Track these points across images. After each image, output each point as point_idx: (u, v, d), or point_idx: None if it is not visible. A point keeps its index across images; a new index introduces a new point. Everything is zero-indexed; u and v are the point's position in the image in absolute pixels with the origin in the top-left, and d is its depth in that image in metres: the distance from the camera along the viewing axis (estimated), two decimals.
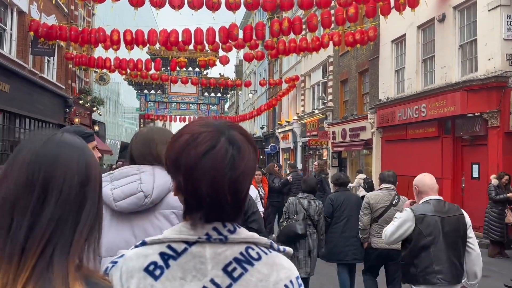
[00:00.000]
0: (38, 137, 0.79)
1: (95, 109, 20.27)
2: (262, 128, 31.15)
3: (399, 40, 12.85)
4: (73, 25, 13.56)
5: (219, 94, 25.85)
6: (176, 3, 8.95)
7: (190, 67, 24.40)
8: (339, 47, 14.30)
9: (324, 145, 18.28)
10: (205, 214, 0.88)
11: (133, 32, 11.90)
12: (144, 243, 0.90)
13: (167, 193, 1.72)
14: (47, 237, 0.71)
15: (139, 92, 25.46)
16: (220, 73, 24.72)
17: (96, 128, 21.34)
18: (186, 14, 10.52)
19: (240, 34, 12.54)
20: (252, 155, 0.91)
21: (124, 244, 1.47)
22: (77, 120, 17.66)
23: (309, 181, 5.29)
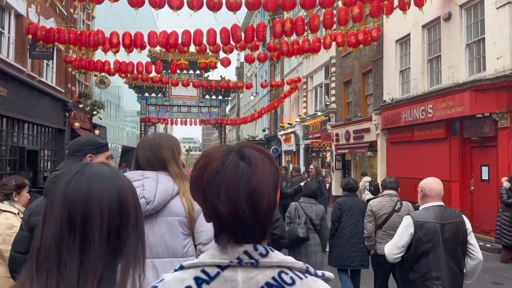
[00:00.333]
0: (70, 173, 0.82)
1: (96, 113, 20.11)
2: (264, 131, 31.00)
3: (404, 40, 12.61)
4: (72, 28, 13.36)
5: (220, 97, 25.74)
6: (175, 4, 8.73)
7: (191, 70, 24.31)
8: (342, 48, 14.11)
9: (328, 147, 18.05)
10: (231, 235, 0.88)
11: (132, 35, 11.70)
12: (182, 267, 0.91)
13: (170, 200, 1.73)
14: (100, 273, 0.75)
15: (140, 96, 25.42)
16: (221, 76, 24.59)
17: (97, 132, 21.16)
18: (186, 16, 10.33)
19: (242, 36, 12.33)
20: (268, 168, 0.89)
21: None
22: (77, 124, 17.47)
23: (310, 186, 5.30)
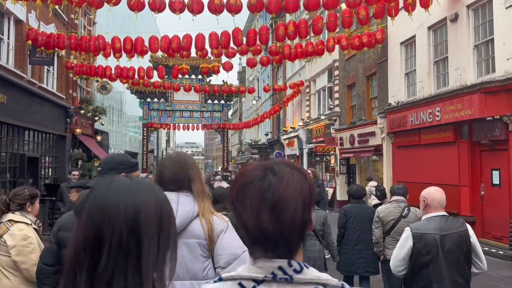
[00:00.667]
0: (94, 190, 0.85)
1: (97, 119, 19.96)
2: (267, 135, 30.81)
3: (409, 42, 12.39)
4: (72, 33, 13.21)
5: (223, 101, 25.60)
6: (177, 7, 8.55)
7: (193, 75, 24.21)
8: (346, 51, 13.90)
9: (332, 152, 17.79)
10: (260, 249, 0.88)
11: (133, 40, 11.53)
12: (221, 279, 0.92)
13: (190, 222, 1.72)
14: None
15: (142, 101, 25.35)
16: (223, 80, 24.46)
17: (99, 138, 21.01)
18: (187, 20, 10.16)
19: (244, 40, 12.14)
20: (296, 183, 0.88)
21: None
22: (78, 130, 17.31)
23: None
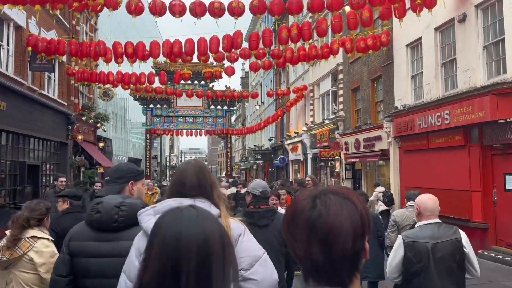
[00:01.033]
0: (165, 218, 0.91)
1: (99, 125, 19.79)
2: (270, 140, 30.55)
3: (415, 44, 12.13)
4: (73, 39, 13.05)
5: (226, 107, 25.42)
6: (177, 10, 8.35)
7: (196, 80, 24.08)
8: (350, 55, 13.66)
9: (337, 157, 17.50)
10: (311, 279, 0.89)
11: (135, 45, 11.35)
12: None
13: None
14: None
15: (145, 107, 25.23)
16: (226, 86, 24.31)
17: (101, 145, 20.83)
18: (188, 25, 9.96)
19: (245, 44, 11.93)
20: (346, 213, 0.87)
21: None
22: (80, 137, 17.14)
23: None
